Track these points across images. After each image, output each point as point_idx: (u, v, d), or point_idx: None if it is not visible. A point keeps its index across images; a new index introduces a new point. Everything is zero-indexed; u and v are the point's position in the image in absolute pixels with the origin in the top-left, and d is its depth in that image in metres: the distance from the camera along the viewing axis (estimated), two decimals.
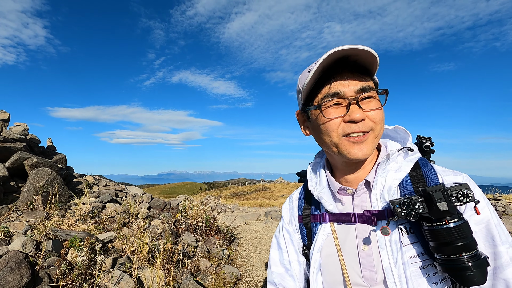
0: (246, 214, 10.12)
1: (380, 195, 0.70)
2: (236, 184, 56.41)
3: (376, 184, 0.71)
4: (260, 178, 47.55)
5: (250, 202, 20.20)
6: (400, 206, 0.62)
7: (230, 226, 6.65)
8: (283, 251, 0.87)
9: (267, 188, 36.69)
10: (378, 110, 0.67)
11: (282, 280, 0.85)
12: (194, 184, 79.07)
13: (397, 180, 0.70)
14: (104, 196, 5.31)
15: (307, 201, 0.85)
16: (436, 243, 0.61)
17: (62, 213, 4.27)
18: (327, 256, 0.75)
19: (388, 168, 0.72)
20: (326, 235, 0.76)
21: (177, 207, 6.62)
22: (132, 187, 6.87)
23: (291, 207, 0.90)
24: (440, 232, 0.60)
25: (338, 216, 0.75)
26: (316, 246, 0.76)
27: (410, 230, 0.66)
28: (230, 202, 16.38)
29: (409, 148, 0.74)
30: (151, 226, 4.76)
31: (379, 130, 0.68)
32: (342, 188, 0.76)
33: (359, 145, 0.66)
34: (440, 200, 0.59)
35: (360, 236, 0.72)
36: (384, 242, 0.67)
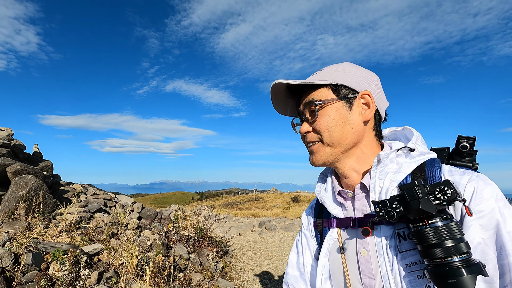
0: (240, 225, 9.86)
1: (379, 198, 0.68)
2: (229, 194, 55.81)
3: (373, 187, 0.69)
4: (253, 188, 47.20)
5: (243, 212, 19.89)
6: (378, 206, 0.60)
7: (224, 237, 6.42)
8: (300, 255, 0.89)
9: (260, 198, 36.36)
10: (315, 121, 0.71)
11: (295, 282, 0.87)
12: (186, 193, 77.91)
13: (395, 182, 0.68)
14: (91, 206, 5.05)
15: (321, 207, 0.87)
16: (422, 246, 0.56)
17: (46, 224, 4.01)
18: (333, 261, 0.75)
19: (386, 170, 0.70)
20: (332, 240, 0.77)
21: (169, 217, 6.37)
22: (122, 196, 6.61)
23: (309, 213, 0.91)
24: (423, 233, 0.55)
25: (342, 221, 0.75)
26: (323, 251, 0.77)
27: (408, 236, 0.63)
28: (223, 212, 16.05)
29: (410, 148, 0.72)
30: (141, 237, 4.52)
31: (327, 138, 0.71)
32: (341, 192, 0.77)
33: (312, 154, 0.74)
34: (412, 197, 0.55)
35: (360, 241, 0.71)
36: (382, 248, 0.65)
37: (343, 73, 0.73)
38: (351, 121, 0.71)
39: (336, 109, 0.71)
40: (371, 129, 0.75)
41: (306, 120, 0.74)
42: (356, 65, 0.77)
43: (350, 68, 0.75)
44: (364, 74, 0.75)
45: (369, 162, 0.74)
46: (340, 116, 0.70)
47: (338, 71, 0.73)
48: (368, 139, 0.74)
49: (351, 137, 0.71)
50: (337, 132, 0.70)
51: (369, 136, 0.74)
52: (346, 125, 0.71)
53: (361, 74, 0.74)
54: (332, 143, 0.71)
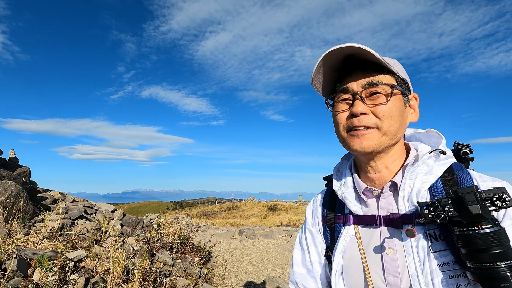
0: (220, 233, 9.90)
1: (408, 198, 0.67)
2: (205, 203, 54.90)
3: (404, 186, 0.68)
4: (231, 197, 46.81)
5: (220, 221, 19.76)
6: (427, 208, 0.58)
7: (207, 244, 6.48)
8: (305, 252, 0.85)
9: (238, 207, 36.21)
10: (382, 105, 0.65)
11: (304, 280, 0.83)
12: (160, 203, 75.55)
13: (427, 183, 0.67)
14: (72, 213, 4.96)
15: (331, 202, 0.83)
16: (468, 249, 0.55)
17: (26, 230, 3.92)
18: (349, 259, 0.72)
19: (417, 170, 0.68)
20: (349, 237, 0.73)
21: (150, 224, 6.33)
22: (101, 204, 6.49)
23: (315, 208, 0.88)
24: (472, 238, 0.54)
25: (362, 218, 0.72)
26: (339, 248, 0.74)
27: (439, 237, 0.62)
28: (199, 221, 15.92)
29: (441, 151, 0.70)
30: (125, 244, 4.51)
31: (387, 126, 0.66)
32: (367, 189, 0.73)
33: (358, 138, 0.67)
34: (472, 202, 0.54)
35: (385, 240, 0.68)
36: (411, 247, 0.63)
37: (400, 69, 0.71)
38: (405, 118, 0.70)
39: (399, 100, 0.68)
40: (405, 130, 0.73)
41: (363, 100, 0.67)
42: None
43: (401, 66, 0.72)
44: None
45: (399, 160, 0.72)
46: (401, 108, 0.68)
47: (397, 65, 0.70)
48: (402, 140, 0.74)
49: (401, 133, 0.70)
50: (397, 123, 0.67)
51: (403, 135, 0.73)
52: (403, 120, 0.69)
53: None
54: (389, 133, 0.67)
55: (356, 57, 0.67)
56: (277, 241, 9.37)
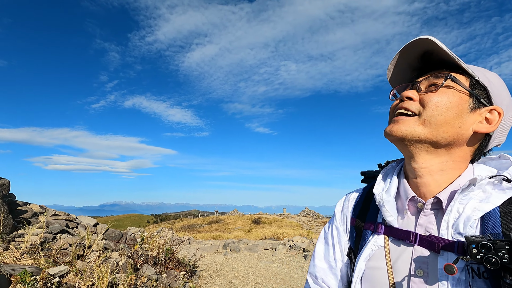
0: (204, 247, 9.79)
1: (453, 225, 0.59)
2: (188, 216, 53.70)
3: (451, 209, 0.59)
4: (214, 210, 46.10)
5: (203, 235, 19.43)
6: (477, 248, 0.49)
7: (192, 257, 6.43)
8: (330, 247, 0.80)
9: (221, 220, 35.66)
10: (431, 92, 0.61)
11: (324, 275, 0.79)
12: (141, 216, 73.13)
13: (480, 212, 0.57)
14: (54, 227, 4.83)
15: (364, 204, 0.77)
16: None
17: (5, 245, 3.80)
18: (373, 269, 0.66)
19: (471, 195, 0.59)
20: (377, 247, 0.68)
21: (133, 238, 6.22)
22: (83, 217, 6.33)
23: (346, 206, 0.82)
24: None
25: (395, 231, 0.66)
26: (363, 255, 0.68)
27: (483, 274, 0.53)
28: (182, 235, 15.61)
29: (505, 178, 0.59)
30: (109, 258, 4.44)
31: (428, 115, 0.60)
32: (413, 199, 0.65)
33: (394, 123, 0.63)
34: None
35: (416, 260, 0.61)
36: (447, 278, 0.56)
37: (488, 80, 0.64)
38: (463, 120, 0.61)
39: (459, 98, 0.61)
40: (472, 145, 0.64)
41: (417, 88, 0.64)
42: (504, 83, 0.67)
43: (497, 80, 0.65)
44: (510, 95, 0.65)
45: (449, 174, 0.63)
46: (458, 106, 0.61)
47: (487, 75, 0.64)
48: (463, 153, 0.63)
49: (451, 133, 0.61)
50: (443, 117, 0.60)
51: (465, 150, 0.63)
52: (456, 118, 0.60)
53: (507, 93, 0.65)
54: (428, 123, 0.61)
55: (434, 56, 0.64)
56: (261, 254, 9.38)
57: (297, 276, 6.92)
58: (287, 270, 7.43)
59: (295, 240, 11.09)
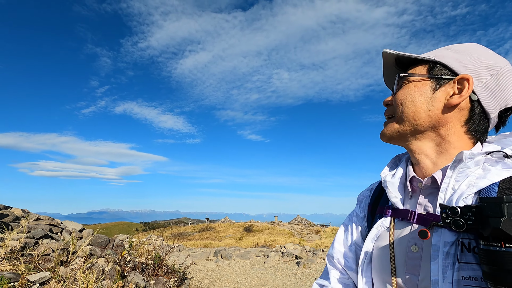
0: (194, 254, 9.54)
1: (448, 200, 0.59)
2: (178, 224, 52.77)
3: (446, 187, 0.61)
4: (205, 218, 45.46)
5: (194, 243, 19.06)
6: (446, 212, 0.53)
7: (182, 264, 6.22)
8: (349, 233, 0.85)
9: (212, 228, 35.16)
10: (399, 91, 0.69)
11: (340, 257, 0.84)
12: (129, 224, 71.56)
13: (474, 187, 0.57)
14: (36, 231, 4.60)
15: (380, 192, 0.82)
16: (490, 267, 0.47)
17: None
18: (379, 249, 0.70)
19: (467, 172, 0.60)
20: (383, 227, 0.71)
21: (121, 244, 5.99)
22: (68, 222, 6.08)
23: (366, 195, 0.87)
24: (496, 255, 0.46)
25: (399, 212, 0.69)
26: (370, 236, 0.73)
27: (473, 249, 0.54)
28: (172, 243, 15.26)
29: (505, 154, 0.59)
30: (94, 265, 4.22)
31: (398, 113, 0.68)
32: (414, 178, 0.69)
33: (383, 128, 0.73)
34: (495, 214, 0.46)
35: (413, 237, 0.64)
36: (439, 252, 0.57)
37: (455, 52, 0.66)
38: (431, 102, 0.64)
39: (420, 86, 0.66)
40: (459, 119, 0.64)
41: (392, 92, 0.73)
42: (484, 47, 0.66)
43: (471, 48, 0.66)
44: (486, 58, 0.64)
45: (450, 156, 0.64)
46: (420, 93, 0.65)
47: (451, 50, 0.67)
48: (453, 129, 0.64)
49: (424, 118, 0.65)
50: (408, 109, 0.66)
51: (455, 126, 0.64)
52: (422, 104, 0.65)
53: (482, 58, 0.64)
54: (401, 119, 0.67)
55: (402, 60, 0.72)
56: (253, 261, 9.18)
57: (290, 283, 6.78)
58: (279, 277, 7.27)
59: (287, 247, 10.93)
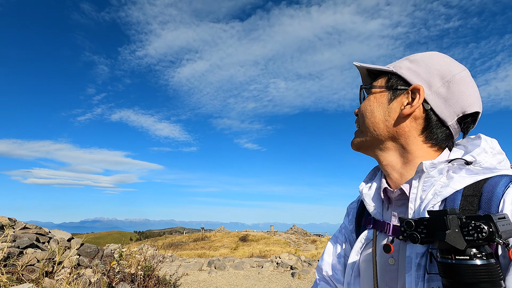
0: (187, 264, 9.32)
1: (418, 210, 0.60)
2: (173, 233, 52.00)
3: (414, 197, 0.62)
4: (200, 227, 44.91)
5: (188, 252, 18.72)
6: (403, 226, 0.53)
7: (173, 275, 6.05)
8: (338, 245, 0.86)
9: (207, 237, 34.64)
10: (362, 103, 0.73)
11: (328, 269, 0.84)
12: (123, 233, 70.42)
13: (439, 196, 0.58)
14: (22, 240, 4.45)
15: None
16: (446, 280, 0.47)
17: None
18: (364, 261, 0.71)
19: (432, 181, 0.60)
20: (366, 240, 0.72)
21: (111, 254, 5.82)
22: (57, 231, 5.91)
23: (353, 207, 0.88)
24: (451, 268, 0.46)
25: (378, 224, 0.70)
26: (355, 248, 0.73)
27: None
28: (165, 253, 14.95)
29: (466, 162, 0.59)
30: (81, 276, 4.07)
31: (360, 124, 0.73)
32: (387, 190, 0.69)
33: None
34: (439, 227, 0.47)
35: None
36: (411, 264, 0.58)
37: (411, 62, 0.68)
38: (387, 113, 0.67)
39: (378, 97, 0.69)
40: (416, 128, 0.65)
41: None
42: (442, 55, 0.68)
43: (427, 57, 0.67)
44: (440, 67, 0.65)
45: (416, 165, 0.65)
46: (378, 104, 0.68)
47: (409, 60, 0.69)
48: (412, 139, 0.65)
49: (383, 129, 0.67)
50: (368, 120, 0.69)
51: (413, 135, 0.65)
52: (380, 115, 0.67)
53: (435, 66, 0.65)
54: (363, 130, 0.71)
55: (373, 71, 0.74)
56: (247, 272, 8.99)
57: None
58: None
59: (282, 257, 10.75)
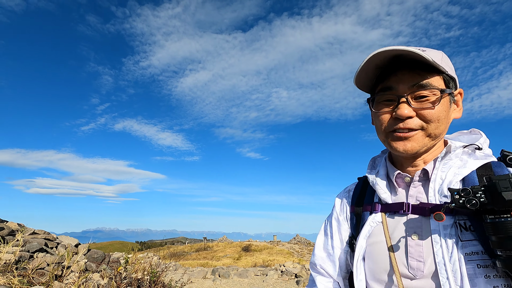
0: (191, 272, 9.29)
1: (439, 189, 0.67)
2: (175, 243, 51.58)
3: (435, 178, 0.68)
4: (203, 237, 44.53)
5: (190, 262, 18.58)
6: (458, 193, 0.57)
7: (179, 280, 6.06)
8: (329, 237, 0.87)
9: (210, 247, 34.33)
10: (430, 109, 0.65)
11: (323, 263, 0.85)
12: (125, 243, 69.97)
13: (459, 175, 0.66)
14: (31, 245, 4.52)
15: (361, 192, 0.85)
16: (498, 237, 0.54)
17: None
18: (373, 244, 0.72)
19: (450, 163, 0.69)
20: (375, 223, 0.74)
21: (117, 260, 5.86)
22: (64, 237, 5.98)
23: (345, 197, 0.89)
24: (504, 225, 0.53)
25: (390, 206, 0.73)
26: (363, 233, 0.74)
27: (469, 228, 0.61)
28: (168, 262, 14.85)
29: (477, 147, 0.71)
30: (89, 280, 4.12)
31: (433, 129, 0.67)
32: (400, 175, 0.74)
33: (403, 141, 0.68)
34: (506, 189, 0.53)
35: (411, 226, 0.68)
36: (439, 235, 0.63)
37: (447, 64, 0.68)
38: (449, 117, 0.70)
39: (446, 102, 0.68)
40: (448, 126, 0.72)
41: (409, 103, 0.66)
42: None
43: (448, 59, 0.70)
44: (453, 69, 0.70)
45: (435, 153, 0.72)
46: (446, 109, 0.68)
47: (445, 60, 0.68)
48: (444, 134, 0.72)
49: (445, 133, 0.71)
50: (443, 126, 0.68)
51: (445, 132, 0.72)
52: (447, 120, 0.69)
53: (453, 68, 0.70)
54: (434, 135, 0.68)
55: (405, 57, 0.65)
56: (252, 280, 8.93)
57: None
58: None
59: (287, 266, 10.68)
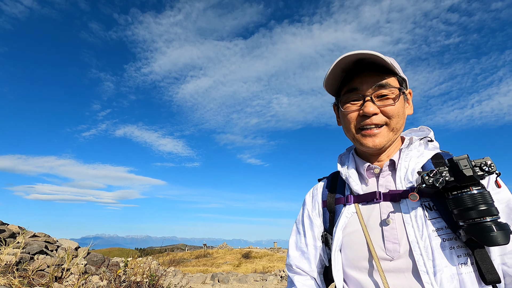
0: (191, 278, 9.25)
1: (404, 177, 0.77)
2: (174, 250, 51.19)
3: (400, 167, 0.78)
4: (202, 244, 44.17)
5: (190, 269, 18.45)
6: (427, 175, 0.67)
7: (178, 284, 6.05)
8: (301, 235, 0.91)
9: (210, 254, 34.04)
10: (391, 106, 0.76)
11: (298, 262, 0.89)
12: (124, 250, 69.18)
13: (419, 163, 0.77)
14: (32, 247, 4.56)
15: (332, 187, 0.90)
16: (460, 209, 0.65)
17: None
18: (350, 234, 0.78)
19: (410, 154, 0.80)
20: (350, 214, 0.80)
21: (117, 264, 5.88)
22: (64, 240, 6.01)
23: (315, 194, 0.94)
24: (464, 198, 0.64)
25: (363, 197, 0.80)
26: (339, 224, 0.79)
27: (433, 207, 0.71)
28: (169, 267, 14.75)
29: (430, 140, 0.84)
30: (88, 282, 4.14)
31: (395, 123, 0.78)
32: (369, 167, 0.82)
33: (371, 137, 0.78)
34: (466, 167, 0.64)
35: (384, 212, 0.76)
36: (410, 217, 0.72)
37: (398, 67, 0.79)
38: (405, 113, 0.81)
39: (402, 99, 0.79)
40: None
41: (373, 101, 0.76)
42: None
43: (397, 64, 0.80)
44: None
45: (395, 146, 0.84)
46: (403, 106, 0.80)
47: (396, 64, 0.78)
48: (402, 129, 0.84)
49: (403, 127, 0.82)
50: (402, 120, 0.79)
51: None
52: (404, 116, 0.81)
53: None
54: (396, 129, 0.79)
55: (366, 60, 0.76)
56: (251, 285, 8.88)
57: None
58: None
59: (286, 271, 10.61)
